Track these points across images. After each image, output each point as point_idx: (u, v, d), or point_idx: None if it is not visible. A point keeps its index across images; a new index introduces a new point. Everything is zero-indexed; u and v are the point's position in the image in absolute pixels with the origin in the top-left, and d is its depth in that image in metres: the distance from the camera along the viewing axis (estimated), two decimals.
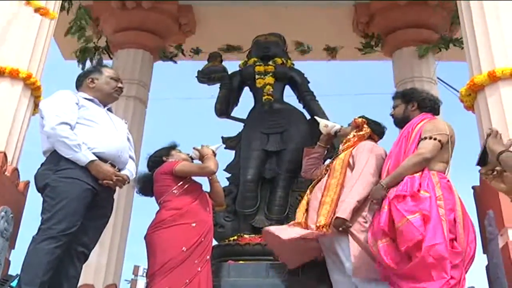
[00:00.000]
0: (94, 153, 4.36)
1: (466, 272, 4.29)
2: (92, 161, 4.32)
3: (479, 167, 3.18)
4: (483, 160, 3.12)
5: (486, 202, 5.17)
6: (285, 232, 5.16)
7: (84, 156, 4.30)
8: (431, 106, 5.06)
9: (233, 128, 7.92)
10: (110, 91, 4.82)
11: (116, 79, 4.88)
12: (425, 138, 4.62)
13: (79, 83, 4.85)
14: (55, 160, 4.35)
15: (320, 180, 5.39)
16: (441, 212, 4.27)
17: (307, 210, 5.29)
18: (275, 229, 5.29)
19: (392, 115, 5.20)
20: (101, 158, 4.40)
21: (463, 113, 6.04)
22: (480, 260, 5.19)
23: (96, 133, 4.49)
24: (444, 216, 4.26)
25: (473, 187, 5.47)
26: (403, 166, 4.54)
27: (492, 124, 5.41)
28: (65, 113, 4.39)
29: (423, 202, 4.27)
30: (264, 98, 7.49)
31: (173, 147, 5.41)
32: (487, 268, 5.23)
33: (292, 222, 5.39)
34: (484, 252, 5.27)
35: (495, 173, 3.03)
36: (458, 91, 6.15)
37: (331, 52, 10.48)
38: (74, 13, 8.95)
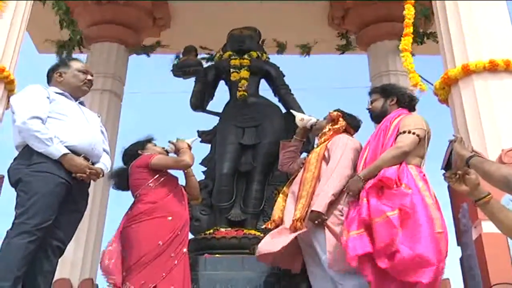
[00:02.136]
0: (66, 147, 4.32)
1: None
2: (64, 155, 4.28)
3: (443, 171, 3.32)
4: (448, 164, 3.25)
5: (461, 195, 5.17)
6: (274, 244, 5.09)
7: (57, 150, 4.26)
8: (409, 102, 5.10)
9: (209, 122, 7.92)
10: (78, 84, 4.75)
11: (84, 72, 4.80)
12: (404, 132, 4.64)
13: (49, 78, 4.79)
14: (27, 154, 4.31)
15: (297, 175, 5.39)
16: (429, 202, 4.31)
17: (284, 206, 5.29)
18: (265, 249, 5.19)
19: (369, 109, 5.21)
20: (74, 151, 4.36)
21: (438, 106, 6.09)
22: (454, 252, 5.25)
23: (67, 126, 4.44)
24: (433, 205, 4.30)
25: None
26: (381, 159, 4.56)
27: (466, 116, 5.47)
28: (36, 107, 4.34)
29: (404, 198, 4.29)
30: (239, 94, 7.48)
31: (148, 140, 5.39)
32: (461, 259, 5.27)
33: (270, 224, 5.34)
34: (458, 244, 5.32)
35: (457, 176, 3.15)
36: (432, 85, 6.19)
37: (305, 50, 10.54)
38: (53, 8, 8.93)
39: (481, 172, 3.04)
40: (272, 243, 5.02)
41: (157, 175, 5.00)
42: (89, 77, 4.82)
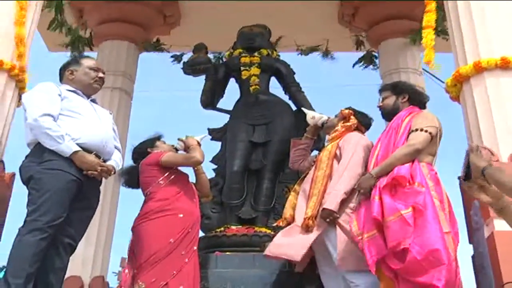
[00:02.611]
0: (78, 144, 4.32)
1: None
2: (75, 152, 4.28)
3: (463, 181, 3.31)
4: (467, 174, 3.24)
5: None
6: (290, 248, 5.05)
7: (68, 147, 4.27)
8: (420, 100, 5.09)
9: (219, 120, 7.93)
10: (90, 82, 4.76)
11: (95, 69, 4.81)
12: (416, 130, 4.62)
13: (61, 76, 4.81)
14: (39, 152, 4.33)
15: (308, 173, 5.38)
16: (437, 203, 4.30)
17: (295, 204, 5.28)
18: (280, 252, 5.10)
19: (380, 107, 5.19)
20: (85, 149, 4.37)
21: (449, 104, 6.07)
22: (466, 250, 5.23)
23: (79, 124, 4.45)
24: (439, 207, 4.29)
25: (459, 178, 5.47)
26: (394, 156, 4.54)
27: (478, 114, 5.44)
28: (47, 104, 4.36)
29: (418, 195, 4.28)
30: (252, 88, 7.48)
31: (157, 138, 5.38)
32: (473, 257, 5.24)
33: (281, 222, 5.31)
34: (470, 242, 5.29)
35: (477, 186, 3.14)
36: (443, 82, 6.17)
37: (327, 54, 10.56)
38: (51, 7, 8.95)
39: (495, 182, 3.03)
40: (289, 246, 4.97)
41: (167, 173, 5.00)
42: (100, 74, 4.82)
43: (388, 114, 5.09)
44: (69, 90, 4.61)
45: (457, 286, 4.19)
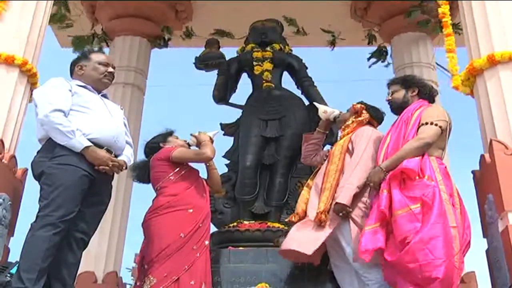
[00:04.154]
0: (89, 139, 4.34)
1: (463, 257, 4.31)
2: (87, 147, 4.30)
3: None
4: None
5: (486, 186, 5.15)
6: (306, 244, 5.01)
7: (79, 142, 4.28)
8: (429, 94, 5.09)
9: (232, 114, 7.92)
10: (99, 77, 4.76)
11: (105, 64, 4.81)
12: (426, 123, 4.64)
13: (71, 71, 4.83)
14: (50, 147, 4.35)
15: (320, 168, 5.38)
16: (444, 197, 4.29)
17: (308, 199, 5.27)
18: (294, 246, 5.01)
19: (389, 101, 5.18)
20: (97, 144, 4.38)
21: (461, 98, 6.03)
22: (480, 244, 5.20)
23: (90, 119, 4.46)
24: (448, 201, 4.29)
25: (472, 172, 5.46)
26: (404, 150, 4.55)
27: (491, 107, 5.40)
28: (57, 100, 4.37)
29: (426, 189, 4.27)
30: (264, 85, 7.46)
31: (170, 133, 5.39)
32: (487, 252, 5.22)
33: (294, 217, 5.29)
34: (484, 236, 5.26)
35: None
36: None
37: (332, 41, 10.50)
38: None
39: None
40: (301, 241, 4.96)
41: (177, 168, 5.01)
42: (110, 69, 4.82)
43: (397, 108, 5.10)
44: (79, 86, 4.62)
45: (456, 281, 4.18)
